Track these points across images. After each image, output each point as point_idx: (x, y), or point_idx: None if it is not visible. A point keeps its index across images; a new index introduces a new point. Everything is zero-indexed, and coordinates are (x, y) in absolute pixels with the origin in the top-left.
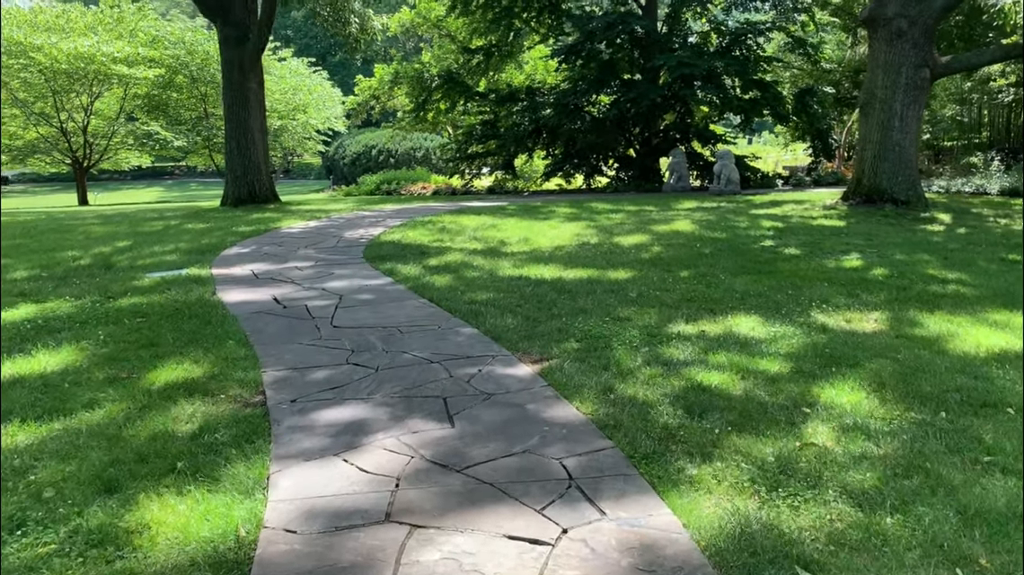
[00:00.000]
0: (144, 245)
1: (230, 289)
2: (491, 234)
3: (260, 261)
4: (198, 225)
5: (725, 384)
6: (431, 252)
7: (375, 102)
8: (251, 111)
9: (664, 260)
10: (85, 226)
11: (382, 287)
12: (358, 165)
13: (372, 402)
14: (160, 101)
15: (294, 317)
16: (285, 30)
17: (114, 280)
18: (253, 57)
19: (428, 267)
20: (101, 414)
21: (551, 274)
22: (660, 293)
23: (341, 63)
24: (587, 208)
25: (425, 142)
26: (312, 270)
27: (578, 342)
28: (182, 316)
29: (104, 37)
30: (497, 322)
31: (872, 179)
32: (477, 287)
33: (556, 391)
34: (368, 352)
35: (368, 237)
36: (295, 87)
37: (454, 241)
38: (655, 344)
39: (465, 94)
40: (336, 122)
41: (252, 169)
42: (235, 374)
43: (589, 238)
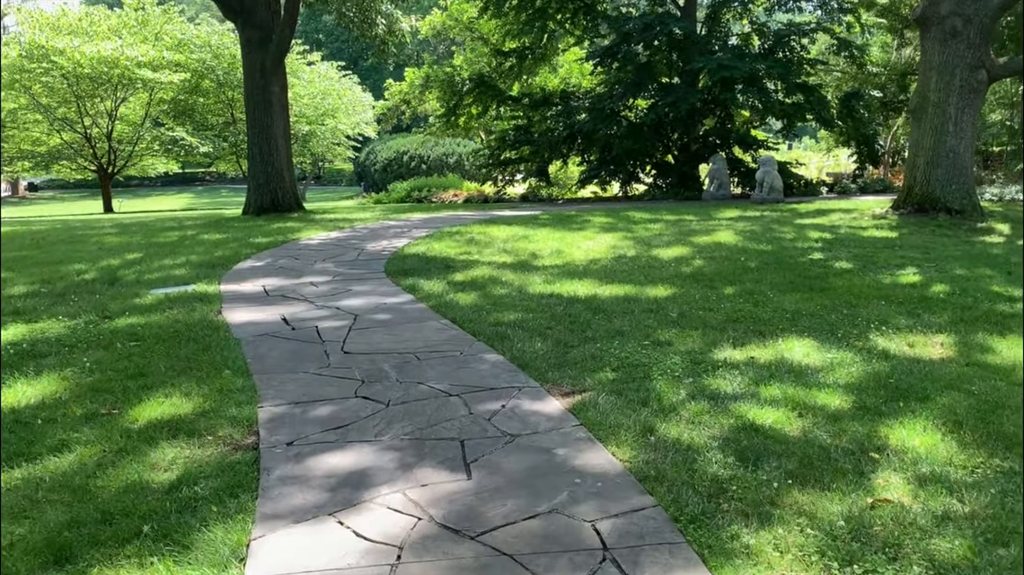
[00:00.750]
0: (155, 257)
1: (237, 308)
2: (522, 246)
3: (273, 276)
4: (215, 235)
5: (780, 423)
6: (457, 266)
7: (405, 107)
8: (274, 116)
9: (706, 275)
10: (100, 236)
11: (401, 306)
12: (389, 171)
13: (379, 445)
14: (186, 106)
15: (302, 340)
16: (316, 34)
17: (115, 297)
18: (276, 60)
19: (453, 283)
20: (70, 460)
21: (585, 291)
22: (703, 313)
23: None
24: (624, 217)
25: (458, 148)
26: (328, 286)
27: (614, 371)
28: (180, 340)
29: (128, 40)
30: (525, 347)
31: (924, 187)
32: (504, 306)
33: (589, 432)
34: (380, 383)
35: (391, 250)
36: (324, 92)
37: (482, 254)
38: (700, 373)
39: (497, 98)
40: (366, 127)
41: (275, 176)
42: (228, 410)
43: (626, 250)
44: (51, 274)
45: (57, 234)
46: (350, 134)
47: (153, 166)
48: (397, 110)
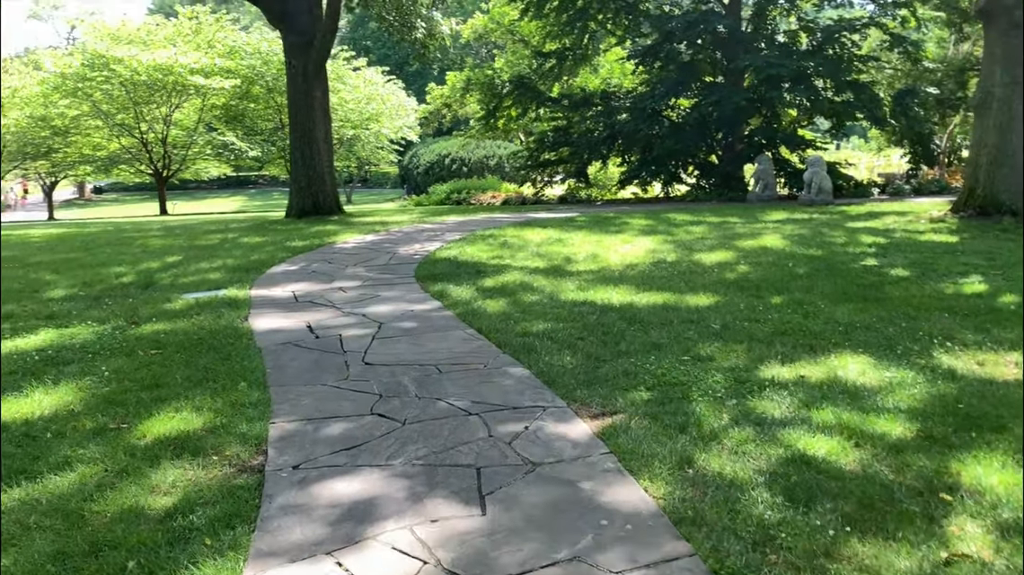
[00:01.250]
0: (193, 261)
1: (264, 314)
2: (556, 250)
3: (304, 280)
4: (255, 239)
5: (835, 455)
6: (487, 271)
7: (446, 110)
8: (316, 120)
9: (752, 282)
10: (145, 238)
11: (428, 313)
12: (431, 174)
13: (390, 471)
14: (237, 111)
15: (324, 350)
16: (364, 40)
17: (148, 301)
18: (317, 65)
19: (482, 289)
20: (70, 480)
21: (620, 299)
22: (748, 324)
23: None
24: (664, 220)
25: (498, 150)
26: (357, 291)
27: (649, 390)
28: (202, 348)
29: (182, 49)
30: (553, 361)
31: (988, 188)
32: (534, 315)
33: (619, 462)
34: (398, 398)
35: (423, 253)
36: (369, 97)
37: (514, 258)
38: (744, 394)
39: (537, 100)
40: (409, 132)
41: (316, 180)
42: (239, 426)
43: (665, 255)
44: (92, 277)
45: (106, 236)
46: (393, 138)
47: (206, 170)
48: (438, 113)
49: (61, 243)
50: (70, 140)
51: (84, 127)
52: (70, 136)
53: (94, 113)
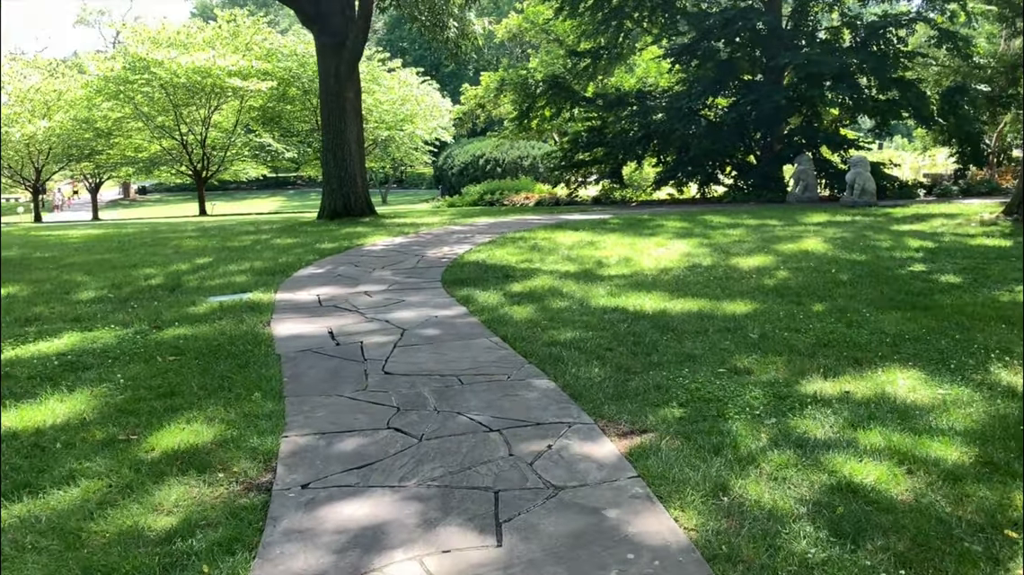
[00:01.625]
0: (223, 262)
1: (286, 319)
2: (588, 253)
3: (330, 284)
4: (286, 240)
5: (885, 483)
6: (516, 275)
7: (480, 111)
8: (347, 121)
9: (792, 289)
10: (180, 239)
11: (452, 320)
12: (465, 175)
13: (402, 493)
14: (274, 113)
15: (344, 358)
16: (400, 42)
17: (172, 305)
18: (349, 65)
19: (509, 294)
20: (72, 496)
21: (653, 305)
22: (789, 334)
23: (453, 73)
24: (700, 222)
25: (532, 150)
26: (382, 295)
27: (682, 407)
28: (220, 355)
29: (220, 51)
30: (580, 373)
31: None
32: (562, 322)
33: (648, 487)
34: (416, 411)
35: (451, 256)
36: (403, 98)
37: (544, 262)
38: (785, 412)
39: (571, 99)
40: (443, 132)
41: (348, 181)
42: (250, 439)
43: (701, 259)
44: (122, 278)
45: (142, 237)
46: (427, 139)
47: (244, 171)
48: (472, 114)
49: (98, 244)
50: (113, 142)
51: (126, 129)
52: (113, 138)
53: (135, 115)
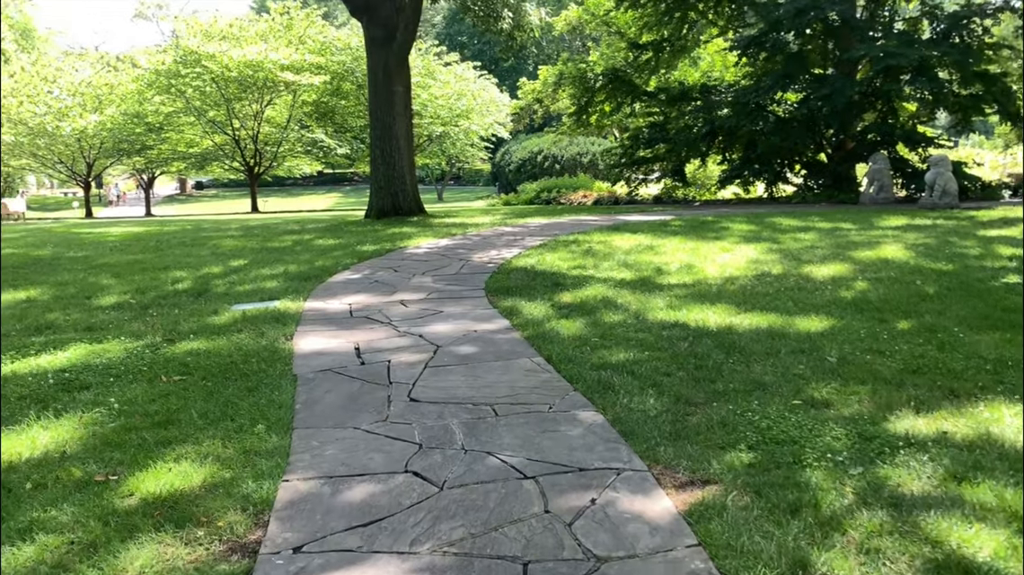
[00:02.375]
0: (258, 265)
1: (312, 332)
2: (646, 259)
3: (365, 292)
4: (328, 241)
5: (1003, 559)
6: (567, 284)
7: (538, 105)
8: (396, 116)
9: (872, 303)
10: (221, 239)
11: (492, 336)
12: (523, 172)
13: (412, 562)
14: (328, 108)
15: (368, 380)
16: (460, 36)
17: (194, 314)
18: (399, 59)
19: (558, 306)
20: (24, 557)
21: (718, 320)
22: (872, 358)
23: (513, 68)
24: (768, 224)
25: (592, 146)
26: (418, 306)
27: (751, 450)
28: (230, 375)
29: (273, 45)
30: (633, 404)
31: None
32: (615, 339)
33: (711, 560)
34: (440, 450)
35: (498, 261)
36: (459, 93)
37: (598, 268)
38: (872, 457)
39: (632, 94)
40: (500, 128)
41: (396, 179)
42: (244, 485)
43: (770, 266)
44: (149, 282)
45: (182, 236)
46: (483, 135)
47: (298, 167)
48: (530, 109)
49: (135, 243)
50: (164, 136)
51: (177, 123)
52: (164, 132)
53: (187, 110)
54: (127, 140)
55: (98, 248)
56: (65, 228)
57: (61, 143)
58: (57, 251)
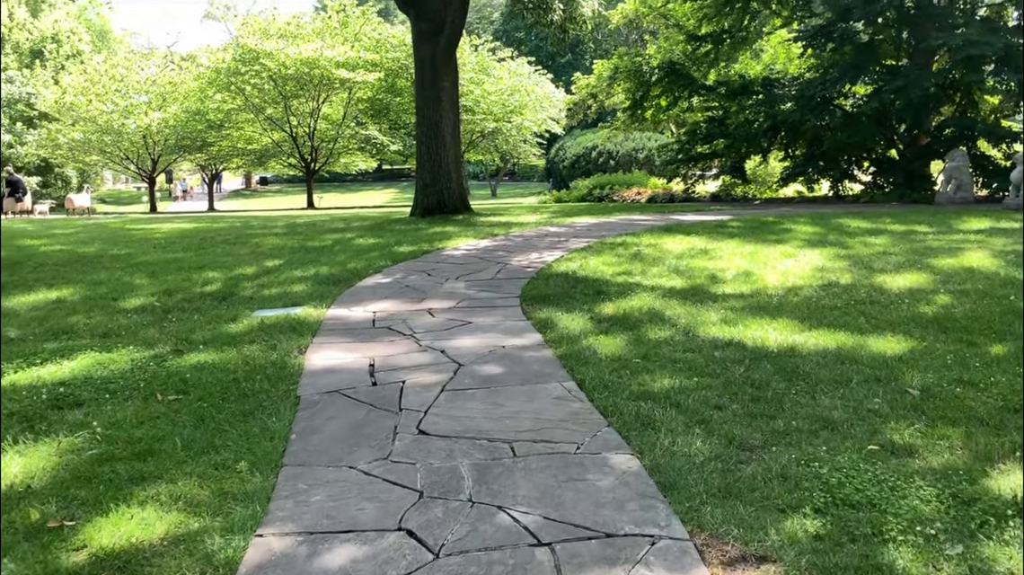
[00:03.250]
0: (291, 267)
1: (328, 344)
2: (700, 264)
3: (393, 298)
4: (367, 240)
5: None
6: (609, 292)
7: (592, 100)
8: (443, 112)
9: (958, 321)
10: (264, 236)
11: (521, 353)
12: (577, 168)
13: None
14: (382, 105)
15: (375, 406)
16: (517, 32)
17: (213, 320)
18: (446, 53)
19: (598, 318)
20: None
21: (779, 338)
22: (962, 390)
23: (570, 64)
24: (835, 226)
25: (647, 142)
26: (446, 315)
27: (818, 515)
28: (229, 395)
29: (329, 42)
30: (676, 446)
31: None
32: (659, 361)
33: None
34: (444, 501)
35: (538, 265)
36: (513, 88)
37: (646, 275)
38: (973, 531)
39: (689, 87)
40: (553, 124)
41: (442, 176)
42: (211, 539)
43: (838, 275)
44: (180, 283)
45: (229, 233)
46: (536, 131)
47: (354, 163)
48: (584, 104)
49: (181, 240)
50: (224, 133)
51: (237, 121)
52: (224, 129)
53: (246, 107)
54: (188, 137)
55: (143, 245)
56: (121, 223)
57: (127, 140)
58: (103, 248)
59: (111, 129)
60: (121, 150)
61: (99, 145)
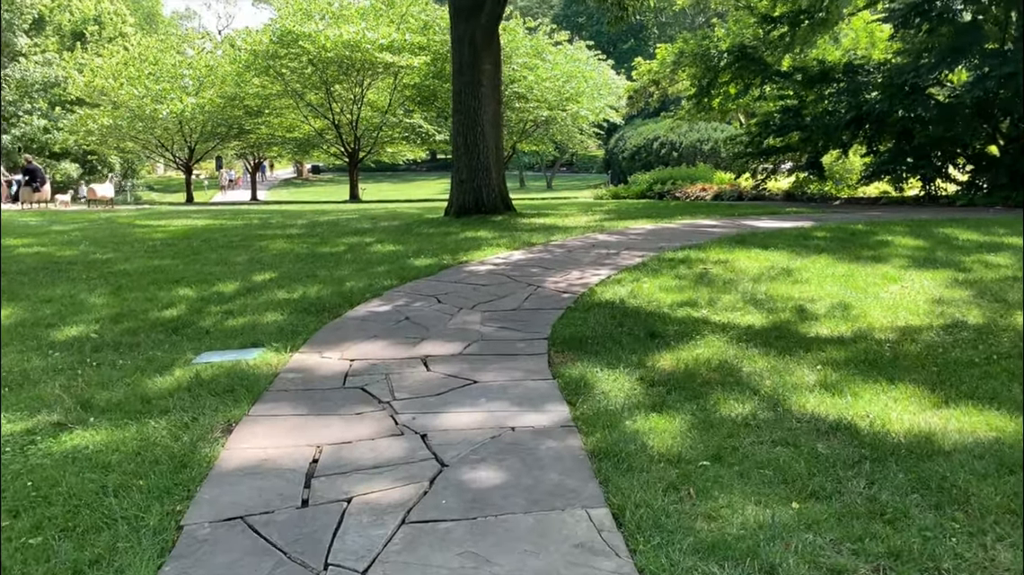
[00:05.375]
0: (280, 284)
1: (268, 419)
2: (782, 291)
3: (384, 337)
4: (386, 247)
5: None
6: (668, 333)
7: (654, 87)
8: (482, 99)
9: None
10: (274, 238)
11: (537, 443)
12: (637, 159)
13: None
14: (430, 92)
15: (289, 555)
16: (578, 17)
17: (141, 367)
18: (487, 32)
19: (650, 379)
20: None
21: (905, 420)
22: None
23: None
24: (940, 238)
25: (714, 133)
26: (446, 367)
27: None
28: (81, 522)
29: (372, 24)
30: None
31: None
32: (738, 464)
33: None
34: None
35: (577, 290)
36: (569, 74)
37: (714, 306)
38: None
39: (761, 74)
40: (612, 113)
41: (479, 171)
42: None
43: (962, 310)
44: (139, 305)
45: (239, 232)
46: (593, 120)
47: (401, 153)
48: (645, 91)
49: (182, 241)
50: (262, 120)
51: (276, 107)
52: (262, 116)
53: (285, 92)
54: (224, 123)
55: (133, 248)
56: (131, 219)
57: (160, 127)
58: (85, 251)
59: (143, 115)
60: (154, 137)
61: (130, 132)
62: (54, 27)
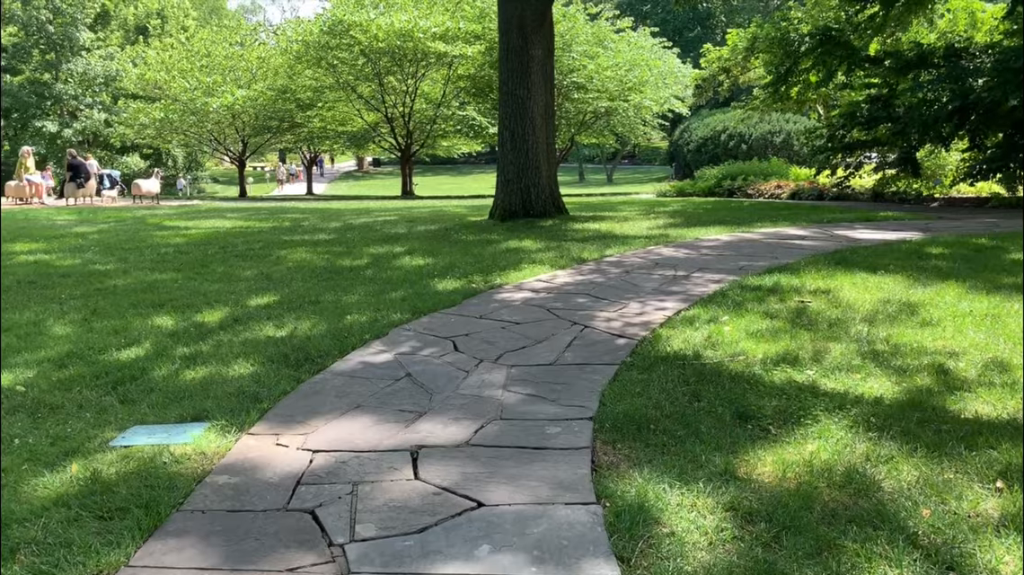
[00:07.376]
0: (271, 315)
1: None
2: (909, 338)
3: (370, 409)
4: (414, 261)
5: None
6: (763, 412)
7: (724, 76)
8: (531, 88)
9: None
10: (296, 247)
11: None
12: (703, 152)
13: None
14: (485, 83)
15: None
16: (643, 4)
17: (32, 456)
18: (538, 12)
19: (745, 508)
20: None
21: None
22: None
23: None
24: None
25: (786, 125)
26: (444, 472)
27: None
28: None
29: (425, 11)
30: None
31: None
32: None
33: None
34: None
35: (636, 332)
36: (632, 62)
37: (823, 362)
38: None
39: (848, 59)
40: (677, 103)
41: (528, 169)
42: None
43: None
44: (100, 340)
45: (261, 239)
46: (658, 111)
47: (455, 146)
48: (714, 80)
49: (196, 249)
50: (314, 113)
51: (328, 100)
52: (314, 109)
53: (337, 84)
54: (276, 116)
55: (141, 257)
56: (160, 219)
57: (211, 120)
58: (88, 260)
59: (194, 108)
60: (205, 130)
61: (182, 125)
62: (119, 21)
